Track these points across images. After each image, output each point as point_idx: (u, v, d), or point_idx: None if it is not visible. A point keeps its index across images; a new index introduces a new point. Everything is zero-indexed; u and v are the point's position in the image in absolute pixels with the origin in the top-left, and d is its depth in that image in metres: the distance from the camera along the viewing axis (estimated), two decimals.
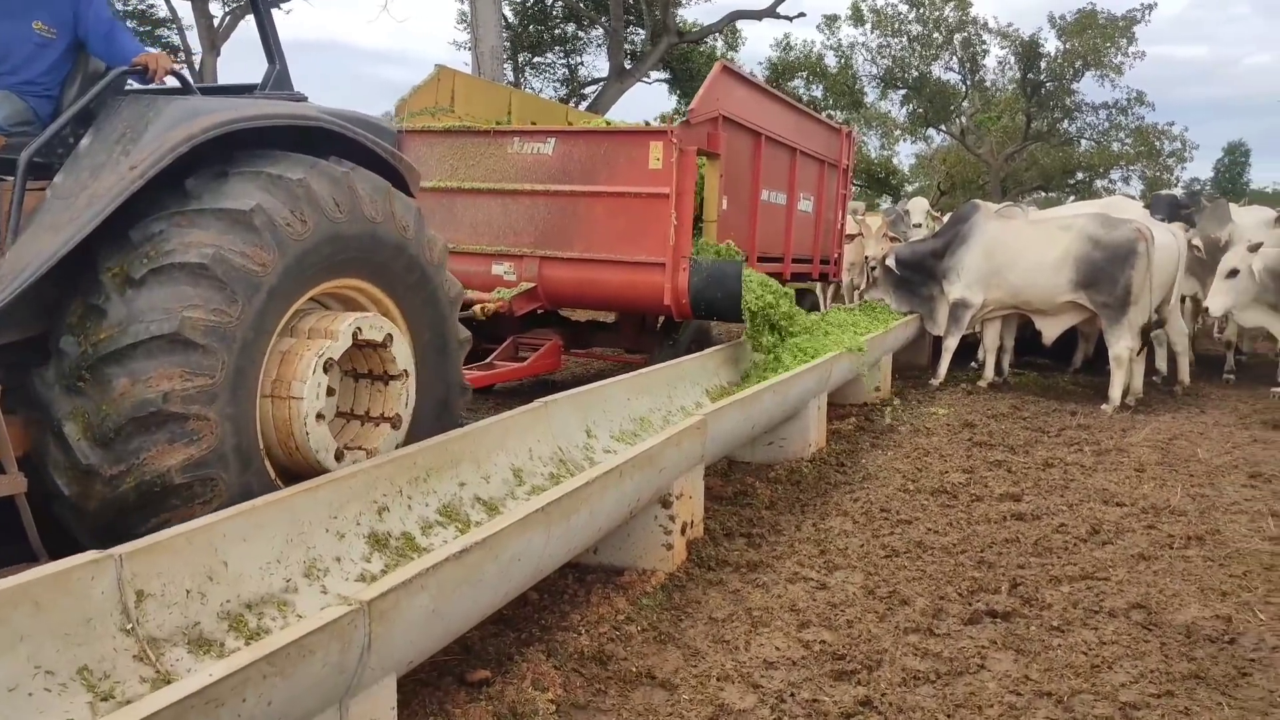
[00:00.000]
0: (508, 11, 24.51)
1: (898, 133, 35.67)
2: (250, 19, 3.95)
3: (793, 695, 2.85)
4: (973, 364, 8.49)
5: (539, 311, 6.77)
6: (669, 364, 5.53)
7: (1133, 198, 14.60)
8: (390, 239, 3.42)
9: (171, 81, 3.46)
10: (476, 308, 6.12)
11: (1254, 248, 6.83)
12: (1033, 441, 6.15)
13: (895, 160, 37.34)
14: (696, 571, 3.81)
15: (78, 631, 2.15)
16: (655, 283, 6.10)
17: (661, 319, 7.25)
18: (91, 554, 2.24)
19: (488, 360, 6.40)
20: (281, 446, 3.19)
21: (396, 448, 3.40)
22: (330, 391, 3.32)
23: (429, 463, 3.36)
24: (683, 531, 3.85)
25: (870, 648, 3.17)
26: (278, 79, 3.85)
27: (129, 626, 2.26)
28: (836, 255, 9.75)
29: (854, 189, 34.94)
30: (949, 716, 2.77)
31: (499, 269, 6.51)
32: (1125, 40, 30.01)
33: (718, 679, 2.95)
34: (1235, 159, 64.74)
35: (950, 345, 8.13)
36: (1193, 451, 5.88)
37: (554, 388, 6.04)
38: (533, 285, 6.38)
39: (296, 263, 3.07)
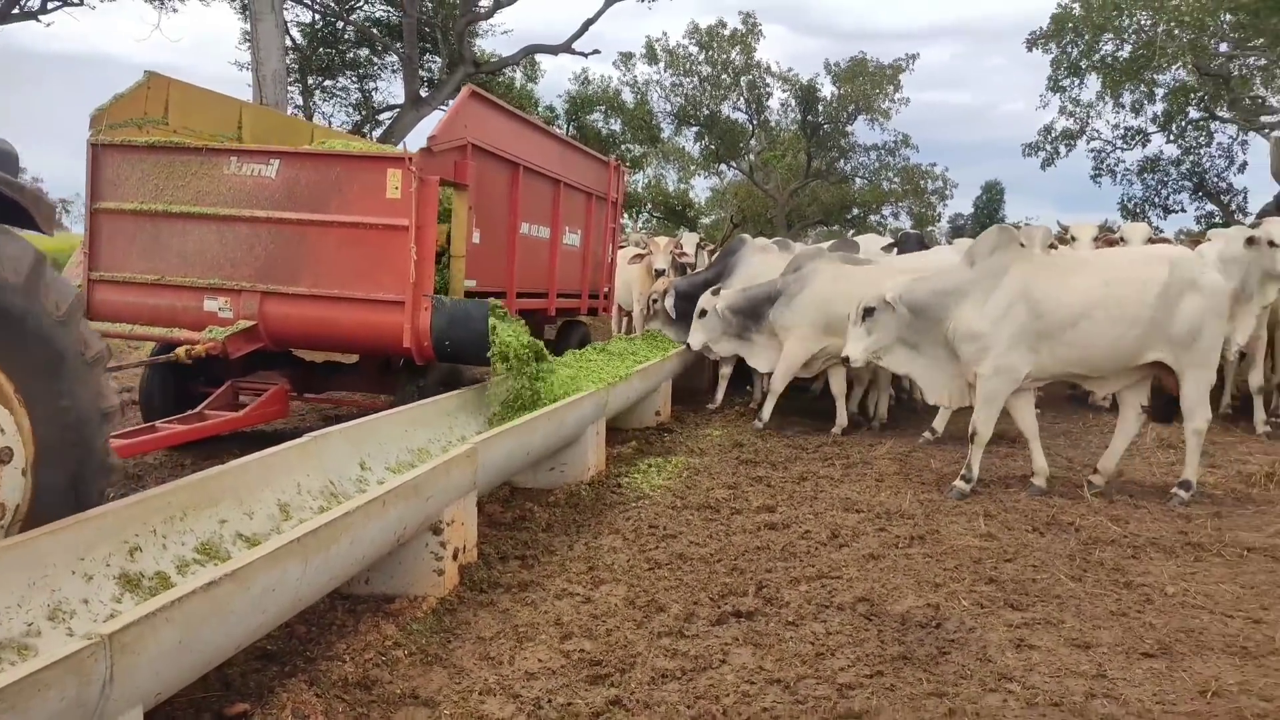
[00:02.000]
0: (295, 33, 23.84)
1: (693, 167, 37.35)
2: None
3: (549, 701, 3.05)
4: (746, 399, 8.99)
5: (264, 352, 6.14)
6: (450, 395, 5.65)
7: (880, 234, 16.04)
8: None
9: None
10: (181, 350, 5.58)
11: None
12: (792, 458, 6.69)
13: (691, 194, 39.00)
14: (468, 594, 3.95)
15: None
16: (394, 323, 5.66)
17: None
18: None
19: (199, 409, 5.82)
20: None
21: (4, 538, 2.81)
22: None
23: (186, 501, 3.35)
24: (455, 557, 3.99)
25: (625, 652, 3.42)
26: None
27: None
28: (606, 290, 9.66)
29: (652, 221, 36.14)
30: (689, 708, 3.05)
31: (212, 304, 5.90)
32: (892, 87, 32.80)
33: (480, 693, 3.11)
34: (992, 196, 71.49)
35: (726, 371, 8.68)
36: (926, 463, 6.59)
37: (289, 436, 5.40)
38: (252, 324, 5.81)
39: None
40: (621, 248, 13.64)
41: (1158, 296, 5.59)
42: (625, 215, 36.33)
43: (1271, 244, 7.40)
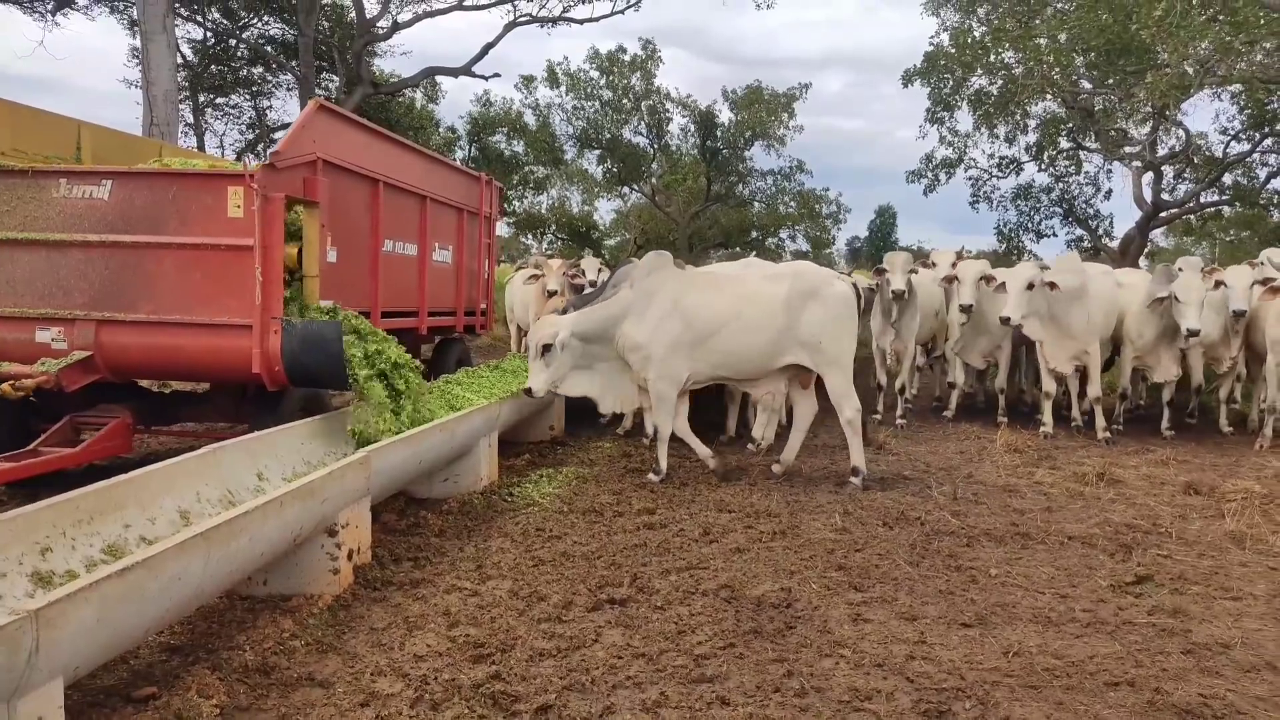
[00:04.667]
0: (186, 50, 23.49)
1: (596, 189, 37.91)
2: None
3: (435, 678, 3.40)
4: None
5: (109, 383, 5.83)
6: (347, 410, 5.91)
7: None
8: None
9: None
10: (6, 385, 5.29)
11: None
12: (676, 466, 7.14)
13: (595, 216, 39.53)
14: (363, 592, 4.27)
15: None
16: (241, 348, 5.41)
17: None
18: None
19: (33, 445, 5.50)
20: None
21: None
22: None
23: (92, 506, 3.60)
24: (349, 558, 4.29)
25: (506, 636, 3.79)
26: None
27: None
28: (484, 306, 9.48)
29: (557, 242, 36.50)
30: (562, 679, 3.44)
31: (45, 335, 5.58)
32: (787, 114, 34.00)
33: (371, 674, 3.44)
34: (885, 220, 74.27)
35: None
36: (798, 468, 7.14)
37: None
38: (88, 354, 5.52)
39: None
40: (521, 268, 14.00)
41: (782, 307, 6.53)
42: (530, 236, 36.70)
43: None
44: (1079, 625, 4.11)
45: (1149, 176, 22.53)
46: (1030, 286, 8.39)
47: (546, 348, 6.48)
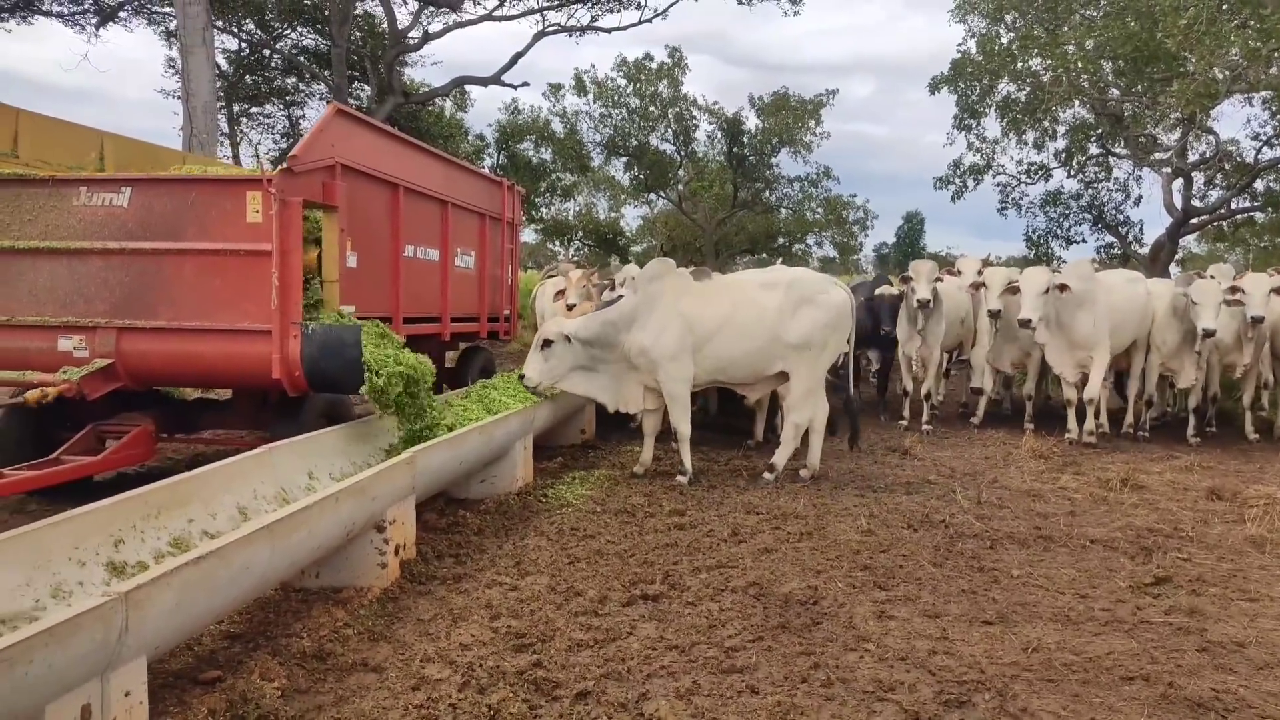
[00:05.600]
0: (221, 60, 23.98)
1: (623, 196, 38.19)
2: None
3: (480, 665, 3.60)
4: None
5: (132, 391, 5.83)
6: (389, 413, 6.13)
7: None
8: None
9: None
10: (30, 393, 5.30)
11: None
12: (704, 470, 7.32)
13: (622, 222, 39.79)
14: (408, 585, 4.49)
15: None
16: (261, 353, 5.41)
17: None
18: None
19: (56, 454, 5.53)
20: None
21: None
22: None
23: (160, 502, 3.84)
24: (396, 552, 4.51)
25: (546, 627, 3.99)
26: None
27: None
28: (508, 312, 9.42)
29: (584, 249, 36.76)
30: (600, 668, 3.63)
31: (67, 344, 5.59)
32: (814, 121, 34.09)
33: (421, 661, 3.65)
34: (913, 226, 73.96)
35: None
36: (824, 472, 7.29)
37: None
38: (109, 362, 5.54)
39: None
40: (551, 274, 14.18)
41: (775, 314, 6.81)
42: (557, 243, 36.98)
43: None
44: (1097, 624, 4.24)
45: (1179, 183, 22.41)
46: (1046, 290, 8.56)
47: (547, 343, 6.78)
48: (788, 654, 3.80)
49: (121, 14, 21.61)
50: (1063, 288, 8.59)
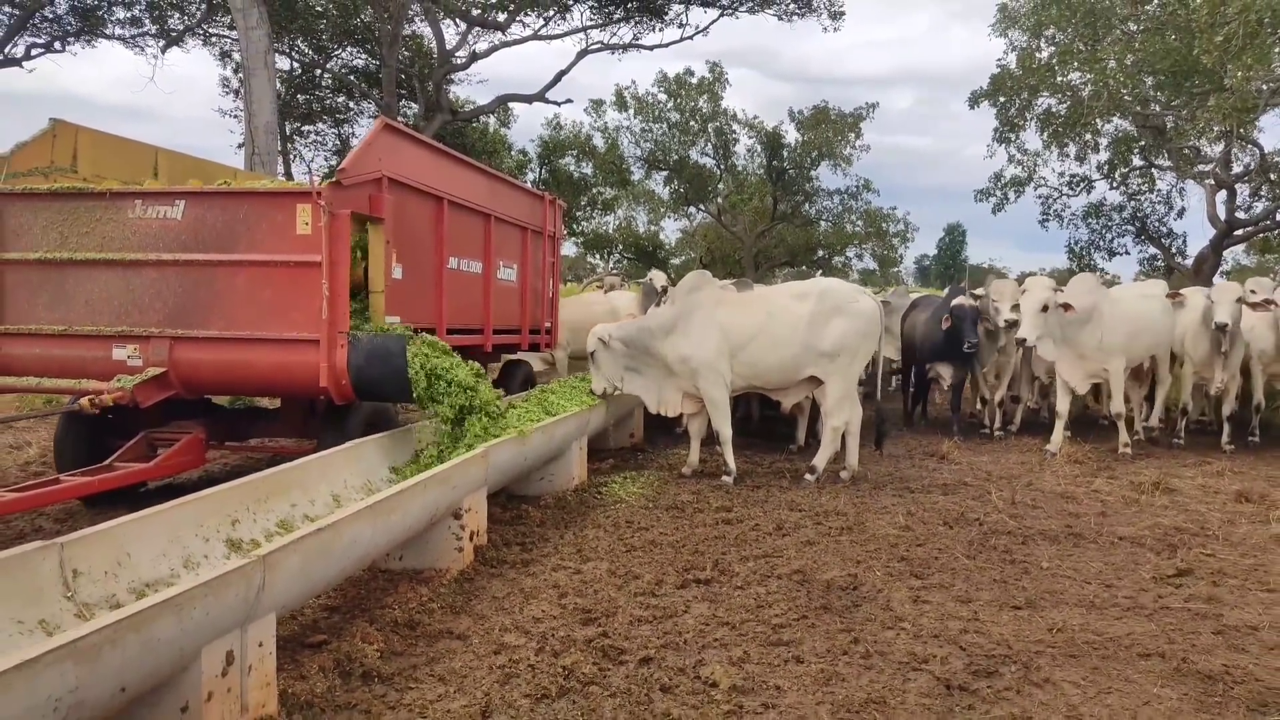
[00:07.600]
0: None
1: (663, 209, 38.65)
2: None
3: (553, 634, 4.02)
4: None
5: (183, 400, 5.97)
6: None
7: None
8: None
9: None
10: (85, 400, 5.43)
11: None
12: (748, 471, 7.70)
13: (662, 235, 40.25)
14: (482, 568, 4.92)
15: (35, 596, 3.00)
16: (309, 362, 5.52)
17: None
18: (39, 543, 3.09)
19: (109, 460, 5.66)
20: None
21: None
22: None
23: (268, 488, 4.32)
24: (471, 538, 4.95)
25: (609, 605, 4.40)
26: None
27: (69, 595, 3.12)
28: (549, 325, 9.50)
29: (623, 261, 37.24)
30: (660, 639, 4.02)
31: (121, 352, 5.73)
32: (853, 135, 34.33)
33: (500, 630, 4.08)
34: (954, 239, 73.39)
35: None
36: (863, 474, 7.63)
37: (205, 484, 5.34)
38: (163, 370, 5.65)
39: None
40: (599, 288, 14.57)
41: (806, 323, 7.15)
42: (597, 255, 37.48)
43: None
44: (1119, 609, 4.56)
45: (1223, 194, 22.37)
46: (1045, 308, 8.42)
47: (593, 354, 7.39)
48: (830, 631, 4.17)
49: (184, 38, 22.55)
50: (1066, 307, 8.49)
